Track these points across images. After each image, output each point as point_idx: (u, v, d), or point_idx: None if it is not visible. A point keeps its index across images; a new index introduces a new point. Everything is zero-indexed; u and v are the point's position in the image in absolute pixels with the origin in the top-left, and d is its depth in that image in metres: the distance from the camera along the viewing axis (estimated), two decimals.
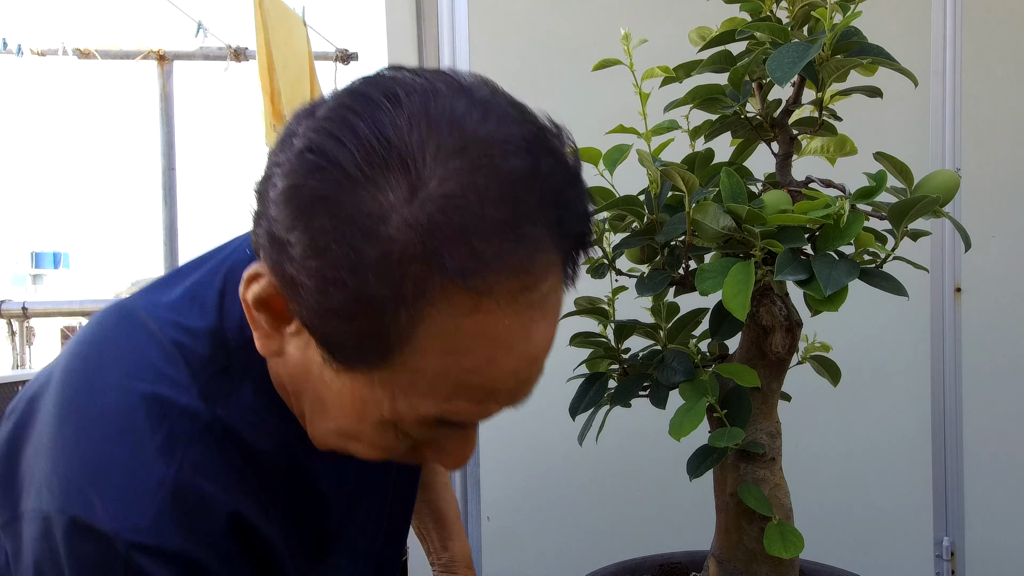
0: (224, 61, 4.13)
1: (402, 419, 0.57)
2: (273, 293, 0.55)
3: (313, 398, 0.61)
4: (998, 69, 1.55)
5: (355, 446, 0.62)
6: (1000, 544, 1.58)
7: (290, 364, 0.60)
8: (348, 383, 0.56)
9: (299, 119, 0.55)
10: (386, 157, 0.50)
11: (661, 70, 0.82)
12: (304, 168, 0.51)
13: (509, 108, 0.56)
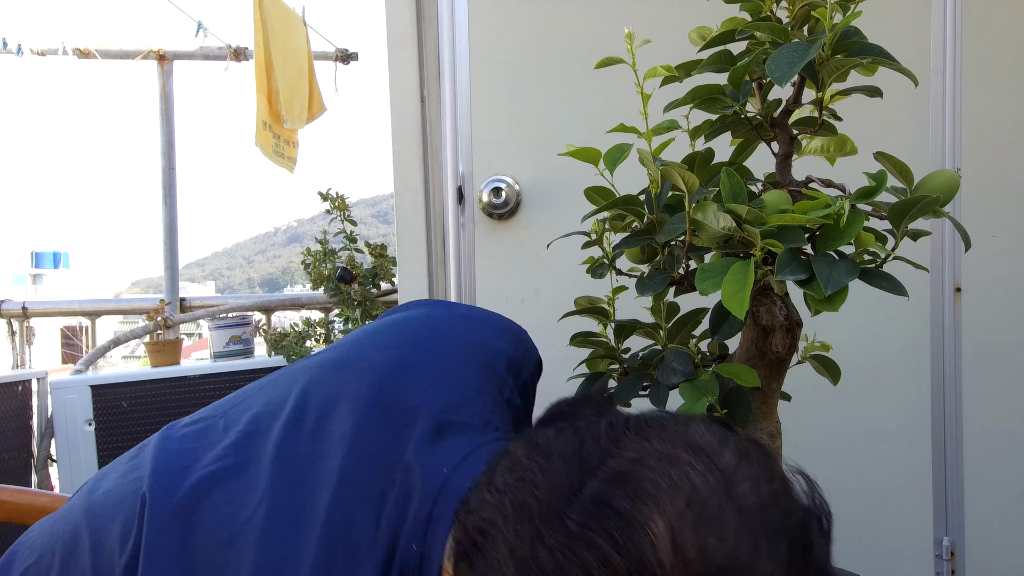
0: (224, 61, 4.12)
1: None
2: None
3: None
4: (998, 69, 1.55)
5: None
6: (1000, 544, 1.58)
7: None
8: None
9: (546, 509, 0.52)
10: None
11: (663, 69, 0.82)
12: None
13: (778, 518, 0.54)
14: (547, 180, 1.59)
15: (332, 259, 2.91)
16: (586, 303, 0.95)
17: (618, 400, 0.90)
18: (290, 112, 3.25)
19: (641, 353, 0.94)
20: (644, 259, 0.90)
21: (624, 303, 0.93)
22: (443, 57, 1.61)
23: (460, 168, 1.61)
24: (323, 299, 3.09)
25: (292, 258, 68.38)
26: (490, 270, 1.62)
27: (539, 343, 1.60)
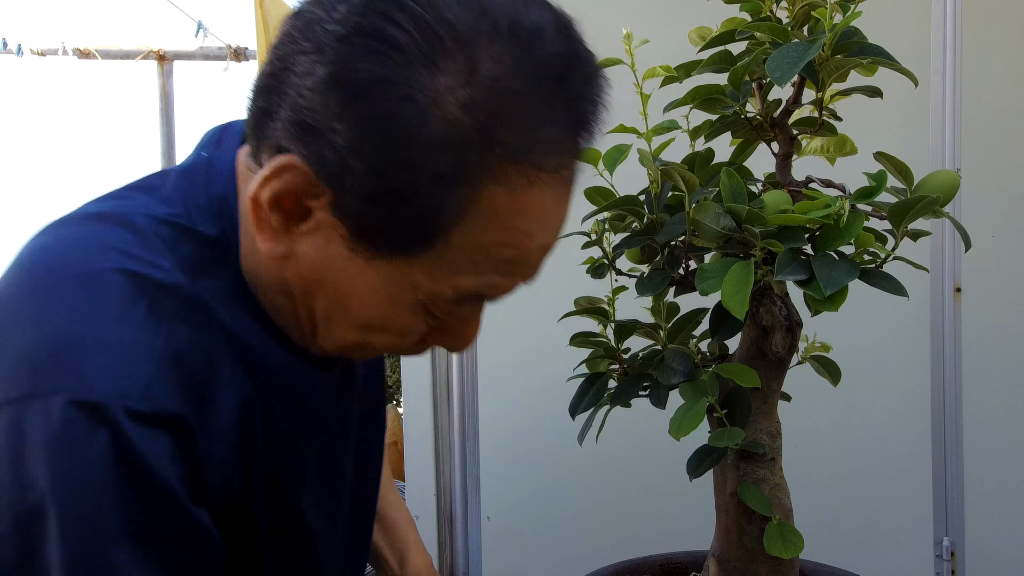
0: (224, 61, 4.13)
1: (438, 299, 0.58)
2: (300, 187, 0.54)
3: (333, 295, 0.59)
4: (998, 69, 1.55)
5: (376, 338, 0.61)
6: (1000, 544, 1.58)
7: (302, 265, 0.58)
8: (382, 272, 0.56)
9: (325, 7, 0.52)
10: (443, 39, 0.50)
11: (663, 70, 0.82)
12: (354, 52, 0.50)
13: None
14: None
15: None
16: (586, 303, 0.95)
17: (618, 400, 0.90)
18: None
19: (641, 353, 0.94)
20: (644, 259, 0.90)
21: (624, 303, 0.93)
22: None
23: None
24: None
25: None
26: None
27: (539, 343, 1.60)
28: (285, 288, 0.61)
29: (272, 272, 0.61)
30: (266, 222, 0.57)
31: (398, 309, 0.59)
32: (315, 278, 0.59)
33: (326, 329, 0.62)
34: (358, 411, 0.78)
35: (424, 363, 1.63)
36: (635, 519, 1.60)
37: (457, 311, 0.61)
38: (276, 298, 0.63)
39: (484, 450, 1.64)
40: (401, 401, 2.40)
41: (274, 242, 0.57)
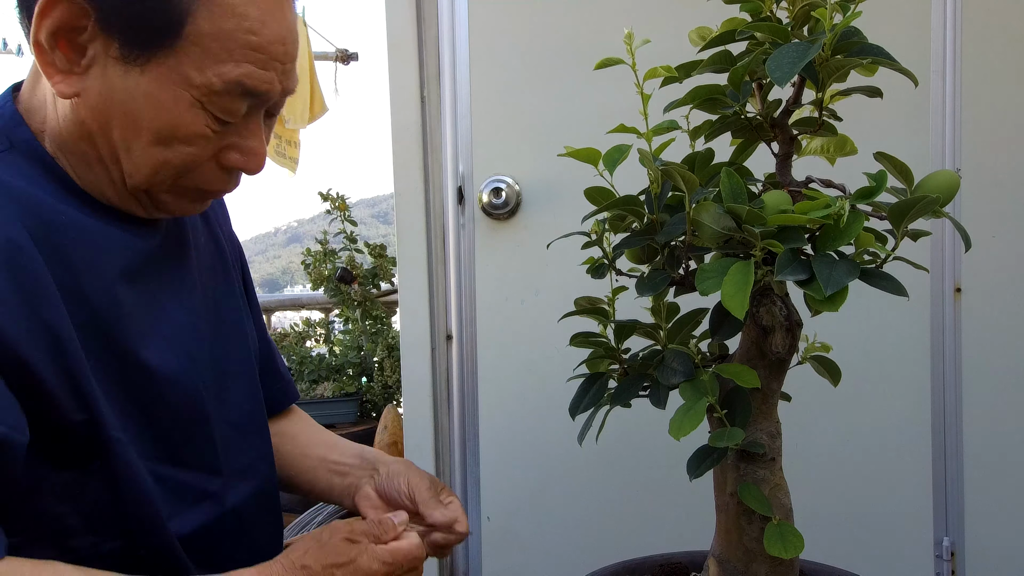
0: None
1: (210, 92, 0.69)
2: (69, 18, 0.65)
3: (123, 118, 0.70)
4: (998, 69, 1.55)
5: (174, 153, 0.72)
6: (1000, 544, 1.58)
7: (92, 98, 0.69)
8: (156, 75, 0.68)
9: None
10: None
11: (664, 70, 0.82)
12: None
13: None
14: (547, 180, 1.59)
15: (332, 259, 2.91)
16: (586, 303, 0.95)
17: (618, 400, 0.90)
18: (292, 112, 3.25)
19: (641, 353, 0.94)
20: (644, 259, 0.90)
21: (624, 303, 0.93)
22: (443, 57, 1.61)
23: (460, 168, 1.61)
24: (323, 299, 3.10)
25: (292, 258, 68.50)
26: (490, 270, 1.62)
27: (539, 343, 1.60)
28: (86, 134, 0.71)
29: (72, 124, 0.71)
30: (53, 65, 0.67)
31: (180, 109, 0.70)
32: (105, 106, 0.69)
33: (128, 160, 0.72)
34: (203, 281, 0.88)
35: (424, 363, 1.64)
36: (635, 519, 1.60)
37: (232, 108, 0.72)
38: (82, 157, 0.73)
39: (484, 450, 1.64)
40: (401, 401, 2.40)
41: (65, 85, 0.68)
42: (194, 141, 0.72)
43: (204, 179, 0.76)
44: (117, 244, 0.76)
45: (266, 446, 0.95)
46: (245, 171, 0.78)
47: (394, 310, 2.96)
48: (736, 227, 0.76)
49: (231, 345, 0.91)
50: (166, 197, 0.77)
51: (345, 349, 2.84)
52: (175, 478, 0.81)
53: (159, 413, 0.78)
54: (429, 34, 1.60)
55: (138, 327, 0.77)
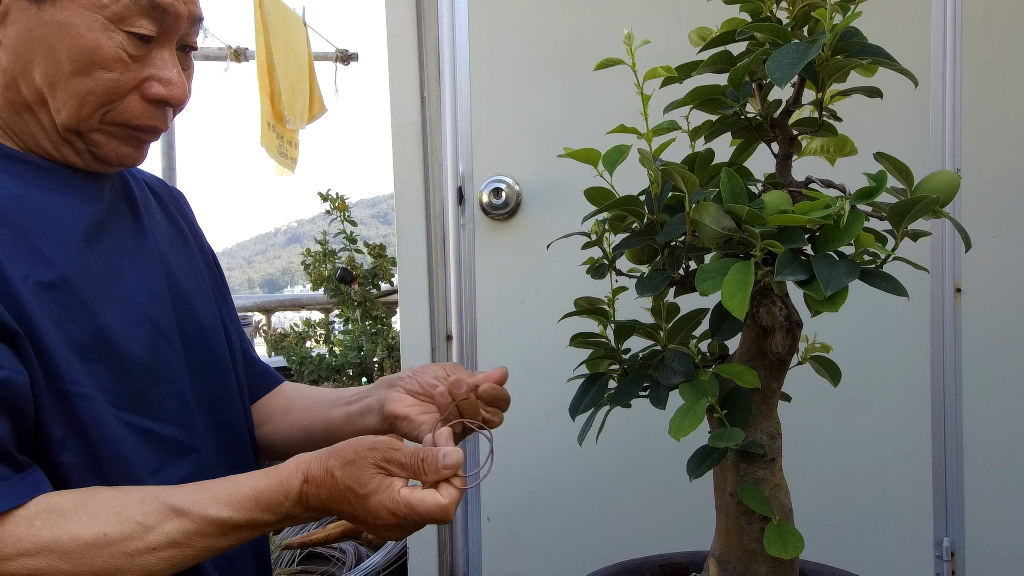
0: (224, 61, 4.12)
1: (118, 11, 0.74)
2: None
3: (43, 56, 0.73)
4: (998, 69, 1.55)
5: (96, 82, 0.75)
6: (1000, 544, 1.58)
7: (12, 43, 0.73)
8: (65, 7, 0.72)
9: None
10: None
11: (664, 70, 0.82)
12: None
13: None
14: (547, 180, 1.59)
15: (332, 259, 2.91)
16: (586, 304, 0.95)
17: (618, 400, 0.90)
18: (292, 112, 3.25)
19: (641, 354, 0.94)
20: (644, 259, 0.90)
21: (624, 303, 0.93)
22: (443, 57, 1.61)
23: (460, 168, 1.61)
24: (323, 299, 3.10)
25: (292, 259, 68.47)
26: (490, 270, 1.62)
27: (539, 343, 1.60)
28: (11, 81, 0.75)
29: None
30: None
31: (94, 33, 0.73)
32: (24, 47, 0.73)
33: (53, 98, 0.75)
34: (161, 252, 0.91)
35: (424, 363, 1.63)
36: (635, 519, 1.60)
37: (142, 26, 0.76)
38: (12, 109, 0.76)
39: (484, 450, 1.64)
40: None
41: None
42: (112, 66, 0.75)
43: (131, 113, 0.79)
44: (64, 210, 0.79)
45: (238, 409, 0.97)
46: (168, 101, 0.81)
47: (394, 310, 2.96)
48: (736, 227, 0.76)
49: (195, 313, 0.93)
50: (98, 137, 0.80)
51: (345, 349, 2.84)
52: (157, 432, 0.83)
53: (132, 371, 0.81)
54: (429, 34, 1.60)
55: (102, 289, 0.80)
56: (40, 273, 0.75)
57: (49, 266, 0.76)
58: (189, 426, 0.88)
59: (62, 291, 0.76)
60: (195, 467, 0.87)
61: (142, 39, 0.77)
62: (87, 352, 0.77)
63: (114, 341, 0.80)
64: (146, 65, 0.79)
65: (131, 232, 0.89)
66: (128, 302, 0.83)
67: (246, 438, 0.98)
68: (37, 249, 0.75)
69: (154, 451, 0.83)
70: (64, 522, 0.69)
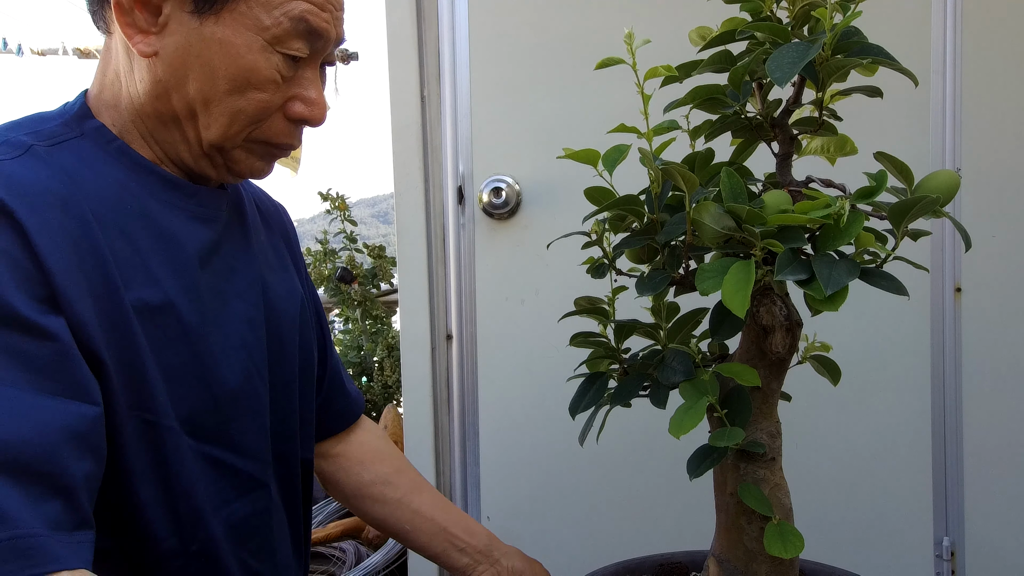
0: None
1: (279, 32, 0.74)
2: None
3: (200, 70, 0.74)
4: (998, 69, 1.55)
5: (248, 101, 0.76)
6: (1000, 544, 1.59)
7: (170, 55, 0.73)
8: (229, 23, 0.73)
9: None
10: None
11: (664, 70, 0.82)
12: None
13: None
14: (547, 180, 1.59)
15: (332, 259, 2.91)
16: (586, 303, 0.95)
17: (618, 400, 0.90)
18: None
19: (641, 353, 0.94)
20: (644, 259, 0.90)
21: (624, 303, 0.93)
22: (443, 57, 1.61)
23: (460, 168, 1.61)
24: (323, 299, 3.10)
25: None
26: (490, 270, 1.62)
27: (539, 343, 1.60)
28: (163, 92, 0.75)
29: (149, 86, 0.75)
30: (133, 26, 0.72)
31: (253, 54, 0.74)
32: (182, 60, 0.73)
33: (205, 113, 0.76)
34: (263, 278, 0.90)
35: (424, 363, 1.64)
36: (635, 519, 1.60)
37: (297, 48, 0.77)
38: (158, 119, 0.77)
39: (484, 450, 1.64)
40: (401, 401, 2.40)
41: (144, 44, 0.72)
42: (265, 87, 0.76)
43: (273, 131, 0.80)
44: (181, 230, 0.79)
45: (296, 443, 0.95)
46: (309, 121, 0.82)
47: (394, 310, 2.96)
48: (736, 227, 0.76)
49: (283, 342, 0.92)
50: (239, 154, 0.80)
51: (345, 349, 2.84)
52: (233, 465, 0.82)
53: (220, 401, 0.79)
54: (429, 34, 1.60)
55: (205, 313, 0.79)
56: (148, 295, 0.73)
57: (158, 288, 0.74)
58: (264, 461, 0.86)
59: (166, 315, 0.75)
60: (261, 503, 0.86)
61: (294, 60, 0.77)
62: (179, 379, 0.75)
63: (209, 369, 0.78)
64: (292, 85, 0.79)
65: (239, 253, 0.88)
66: (228, 328, 0.82)
67: (299, 472, 0.96)
68: (149, 269, 0.74)
69: (226, 485, 0.81)
70: None
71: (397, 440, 2.40)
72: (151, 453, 0.73)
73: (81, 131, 0.76)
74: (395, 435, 2.41)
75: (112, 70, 0.78)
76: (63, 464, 0.62)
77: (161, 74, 0.74)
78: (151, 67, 0.74)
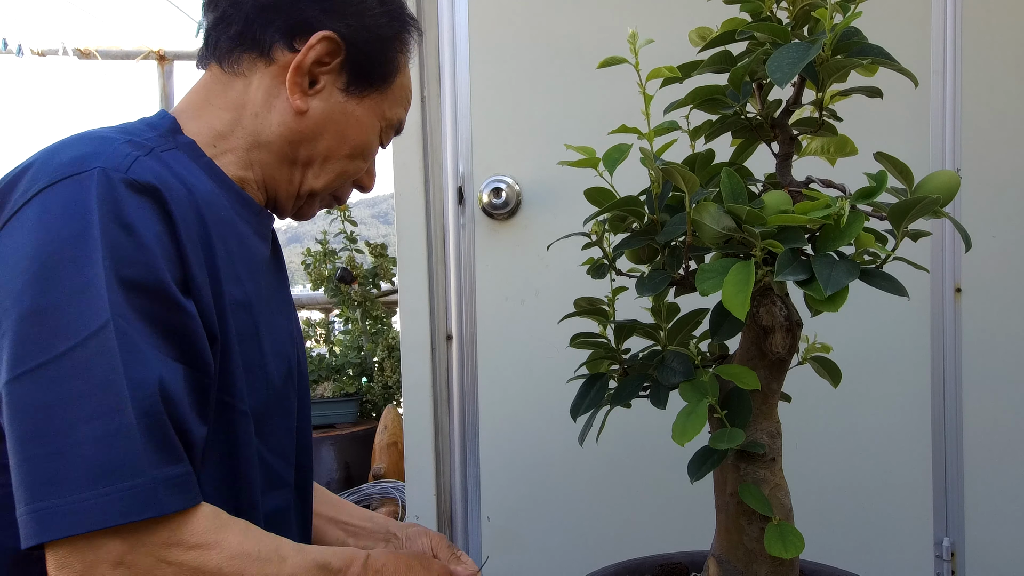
0: None
1: (387, 124, 0.95)
2: (326, 52, 0.86)
3: (334, 134, 0.89)
4: (998, 69, 1.56)
5: (353, 164, 0.93)
6: (1000, 544, 1.59)
7: (315, 115, 0.88)
8: (366, 106, 0.91)
9: None
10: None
11: (667, 70, 0.82)
12: None
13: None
14: (547, 180, 1.59)
15: (332, 259, 2.91)
16: (586, 304, 0.95)
17: (618, 401, 0.90)
18: None
19: (641, 354, 0.94)
20: (644, 259, 0.90)
21: (624, 303, 0.94)
22: (443, 57, 1.61)
23: (460, 168, 1.61)
24: (323, 299, 3.09)
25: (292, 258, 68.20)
26: (490, 270, 1.62)
27: (539, 343, 1.60)
28: (296, 140, 0.88)
29: (284, 130, 0.88)
30: (298, 85, 0.86)
31: (372, 133, 0.93)
32: (323, 122, 0.88)
33: (321, 167, 0.91)
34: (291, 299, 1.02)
35: (424, 363, 1.64)
36: (635, 519, 1.60)
37: (388, 137, 0.98)
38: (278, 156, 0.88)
39: (484, 450, 1.64)
40: (401, 401, 2.40)
41: (301, 101, 0.86)
42: (367, 158, 0.95)
43: (343, 190, 0.98)
44: (251, 243, 0.89)
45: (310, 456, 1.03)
46: (365, 188, 1.01)
47: (394, 310, 2.95)
48: (736, 227, 0.76)
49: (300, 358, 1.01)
50: (315, 200, 0.96)
51: (345, 349, 2.84)
52: (267, 460, 0.89)
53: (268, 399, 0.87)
54: (429, 34, 1.60)
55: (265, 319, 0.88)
56: (237, 293, 0.82)
57: (241, 288, 0.83)
58: (289, 462, 0.93)
59: (246, 312, 0.83)
60: (284, 501, 0.92)
61: (381, 144, 0.97)
62: (251, 371, 0.83)
63: (267, 369, 0.87)
64: None
65: (276, 273, 0.98)
66: (275, 335, 0.90)
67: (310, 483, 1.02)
68: (236, 270, 0.83)
69: (262, 476, 0.88)
70: (229, 527, 0.73)
71: (397, 440, 2.40)
72: (226, 434, 0.80)
73: (176, 143, 0.84)
74: (395, 435, 2.41)
75: (232, 102, 0.88)
76: (188, 424, 0.72)
77: (301, 126, 0.88)
78: (296, 118, 0.87)
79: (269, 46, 0.86)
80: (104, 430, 0.65)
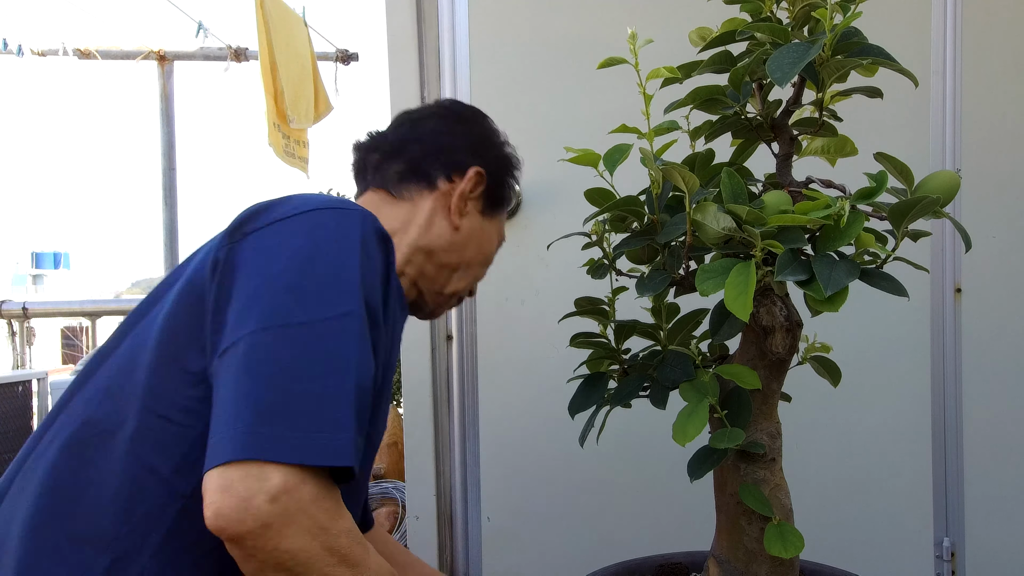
0: (224, 61, 4.12)
1: (501, 240, 1.14)
2: (478, 184, 1.06)
3: (477, 246, 1.08)
4: (998, 69, 1.56)
5: (482, 271, 1.12)
6: (1000, 544, 1.59)
7: (464, 231, 1.06)
8: (493, 226, 1.10)
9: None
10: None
11: (667, 70, 0.82)
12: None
13: None
14: (547, 180, 1.59)
15: None
16: (586, 303, 0.95)
17: (618, 400, 0.90)
18: (296, 112, 3.24)
19: (641, 354, 0.94)
20: (644, 259, 0.90)
21: (624, 303, 0.94)
22: (443, 57, 1.61)
23: None
24: None
25: None
26: (490, 270, 1.62)
27: (539, 343, 1.60)
28: (448, 248, 1.06)
29: (443, 241, 1.06)
30: (458, 208, 1.05)
31: (495, 246, 1.12)
32: (469, 236, 1.07)
33: (462, 272, 1.08)
34: None
35: (424, 363, 1.64)
36: (635, 519, 1.60)
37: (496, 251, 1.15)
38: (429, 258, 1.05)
39: (484, 450, 1.64)
40: (401, 401, 2.40)
41: (458, 220, 1.06)
42: (488, 266, 1.13)
43: (474, 289, 1.15)
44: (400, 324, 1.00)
45: None
46: (472, 292, 1.15)
47: None
48: (736, 227, 0.76)
49: None
50: (454, 299, 1.11)
51: None
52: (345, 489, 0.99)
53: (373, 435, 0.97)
54: (429, 34, 1.60)
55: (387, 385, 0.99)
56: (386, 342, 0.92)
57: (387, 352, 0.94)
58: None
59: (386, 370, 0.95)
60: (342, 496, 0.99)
61: None
62: (379, 409, 0.94)
63: (378, 427, 0.98)
64: None
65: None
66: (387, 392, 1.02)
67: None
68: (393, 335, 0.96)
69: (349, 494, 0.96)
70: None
71: (397, 440, 2.40)
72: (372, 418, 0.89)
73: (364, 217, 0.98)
74: (395, 435, 2.41)
75: (400, 217, 1.06)
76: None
77: (455, 239, 1.06)
78: (452, 233, 1.06)
79: (434, 179, 1.07)
80: (326, 388, 0.75)
